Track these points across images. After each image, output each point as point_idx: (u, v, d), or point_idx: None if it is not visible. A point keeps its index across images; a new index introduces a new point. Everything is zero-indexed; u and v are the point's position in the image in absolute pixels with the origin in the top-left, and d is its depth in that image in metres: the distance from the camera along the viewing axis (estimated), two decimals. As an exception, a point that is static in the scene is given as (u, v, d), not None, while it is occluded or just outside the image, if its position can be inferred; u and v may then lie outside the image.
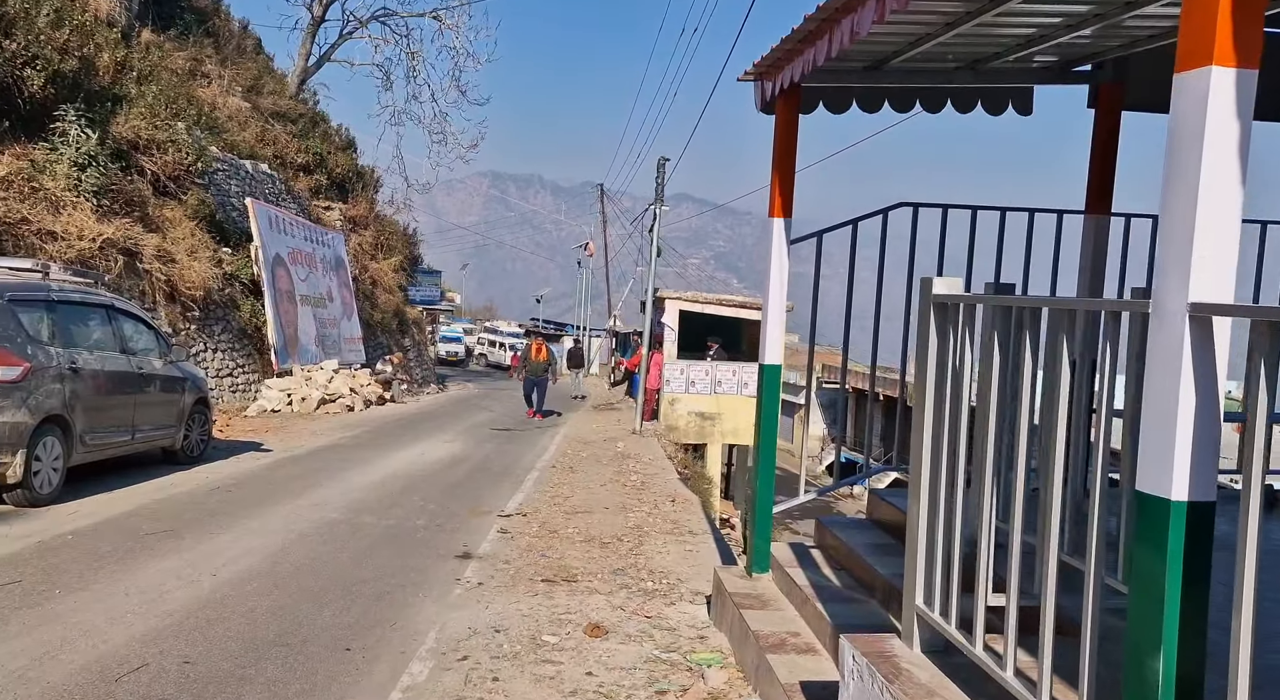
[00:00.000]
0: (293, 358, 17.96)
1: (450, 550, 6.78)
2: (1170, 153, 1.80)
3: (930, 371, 2.88)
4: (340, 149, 27.37)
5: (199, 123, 17.45)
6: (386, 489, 9.16)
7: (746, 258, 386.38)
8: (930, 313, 2.88)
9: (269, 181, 20.62)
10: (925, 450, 2.90)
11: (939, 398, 2.87)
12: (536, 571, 6.25)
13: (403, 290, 30.31)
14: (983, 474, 2.60)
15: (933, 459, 2.89)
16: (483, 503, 8.84)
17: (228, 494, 8.25)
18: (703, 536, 7.76)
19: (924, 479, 2.91)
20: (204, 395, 9.95)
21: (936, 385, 2.87)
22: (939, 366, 2.87)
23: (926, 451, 2.90)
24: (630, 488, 10.25)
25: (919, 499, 2.93)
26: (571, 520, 8.15)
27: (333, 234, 23.07)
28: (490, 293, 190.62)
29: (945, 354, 2.84)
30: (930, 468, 2.89)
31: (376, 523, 7.50)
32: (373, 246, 27.64)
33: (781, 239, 5.00)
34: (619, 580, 6.12)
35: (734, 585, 5.01)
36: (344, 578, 5.77)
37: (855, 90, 5.42)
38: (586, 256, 47.43)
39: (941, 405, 2.85)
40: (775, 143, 5.10)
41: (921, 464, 2.91)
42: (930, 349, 2.88)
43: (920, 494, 2.92)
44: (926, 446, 2.90)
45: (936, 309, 2.87)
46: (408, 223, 32.34)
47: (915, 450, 2.95)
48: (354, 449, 12.09)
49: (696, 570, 6.51)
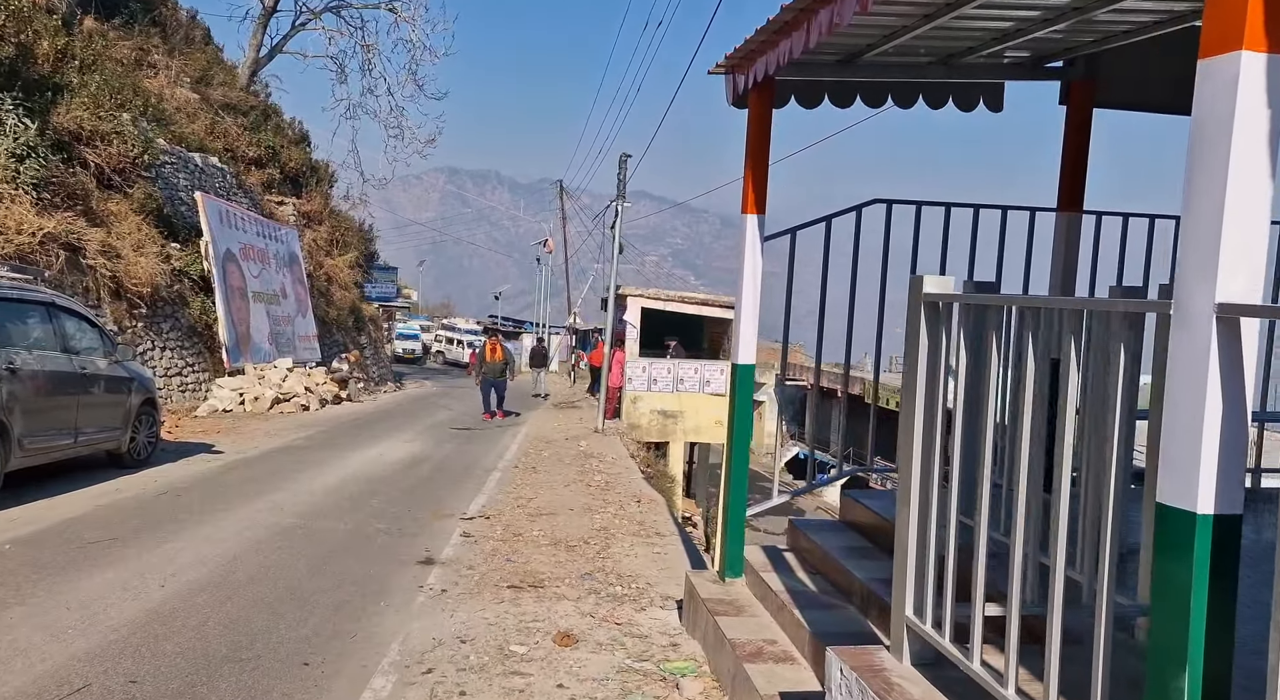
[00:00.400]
0: (245, 356, 17.49)
1: (412, 556, 6.57)
2: (1195, 143, 1.70)
3: (920, 372, 2.78)
4: (294, 143, 26.76)
5: (145, 114, 16.88)
6: (345, 492, 8.89)
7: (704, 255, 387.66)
8: (920, 312, 2.78)
9: (219, 175, 20.05)
10: (915, 454, 2.79)
11: (930, 400, 2.76)
12: (502, 577, 6.08)
13: (359, 287, 29.77)
14: (979, 479, 2.50)
15: (923, 463, 2.78)
16: (444, 505, 8.62)
17: (177, 499, 7.93)
18: (670, 538, 7.64)
19: (914, 483, 2.80)
20: (151, 396, 9.57)
21: (927, 387, 2.76)
22: (929, 367, 2.76)
23: (917, 455, 2.79)
24: (595, 488, 10.10)
25: (909, 504, 2.82)
26: (536, 522, 7.98)
27: (286, 229, 22.54)
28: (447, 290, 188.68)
29: (936, 355, 2.74)
30: (921, 472, 2.79)
31: (334, 528, 7.26)
32: (328, 242, 27.09)
33: (755, 235, 4.89)
34: (587, 585, 5.97)
35: (707, 591, 4.89)
36: (301, 587, 5.54)
37: (827, 84, 5.33)
38: (546, 253, 47.12)
39: (933, 407, 2.75)
40: (748, 137, 4.99)
41: (911, 468, 2.80)
42: (920, 349, 2.78)
43: (910, 499, 2.81)
44: (917, 450, 2.79)
45: (927, 308, 2.77)
46: (363, 218, 31.84)
47: (904, 453, 2.85)
48: (310, 450, 11.76)
49: (666, 573, 6.38)
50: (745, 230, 4.91)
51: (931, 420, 2.75)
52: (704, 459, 23.27)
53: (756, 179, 4.94)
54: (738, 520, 4.98)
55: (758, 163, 4.95)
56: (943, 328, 2.72)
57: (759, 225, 4.90)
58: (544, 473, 11.06)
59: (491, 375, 17.63)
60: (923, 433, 2.78)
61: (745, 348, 4.93)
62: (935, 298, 2.75)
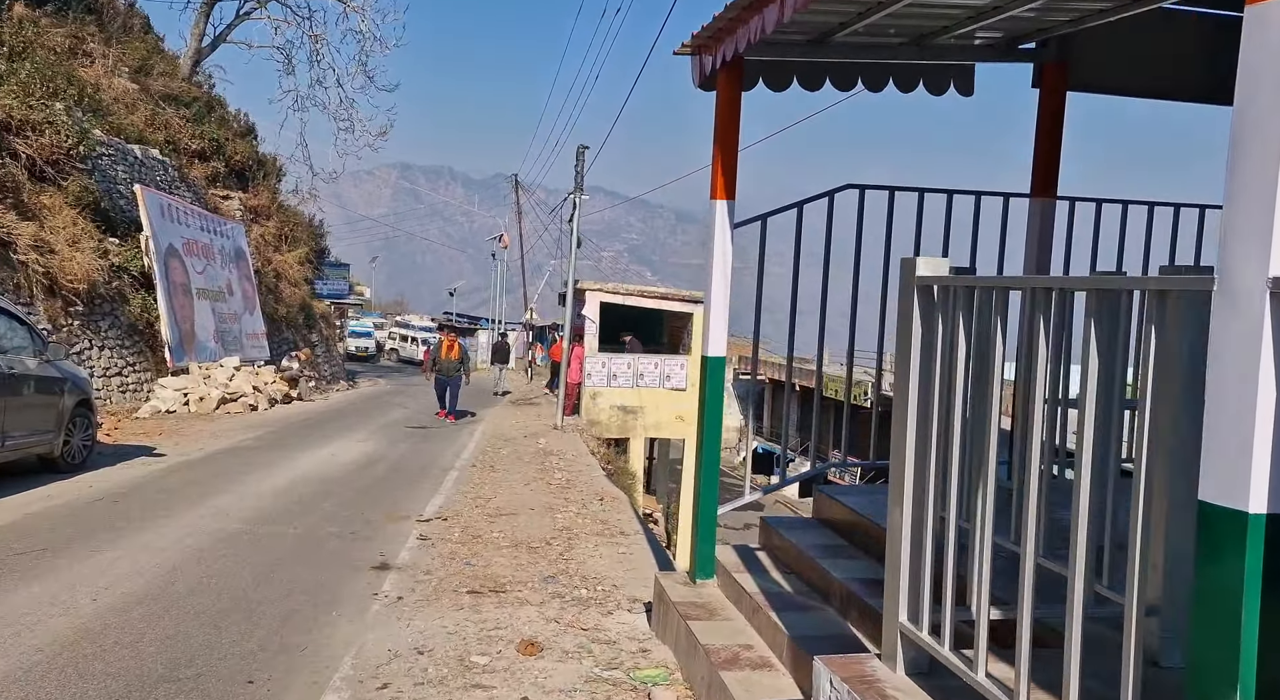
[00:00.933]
0: (189, 355, 16.88)
1: (366, 561, 6.27)
2: (1241, 102, 1.52)
3: (914, 362, 2.59)
4: (239, 135, 25.98)
5: (80, 104, 16.18)
6: (294, 495, 8.52)
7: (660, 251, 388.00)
8: (914, 297, 2.59)
9: (160, 168, 19.34)
10: (909, 449, 2.61)
11: (924, 391, 2.58)
12: (461, 582, 5.81)
13: (309, 283, 29.05)
14: (983, 474, 2.32)
15: (918, 458, 2.60)
16: (400, 507, 8.31)
17: (114, 505, 7.50)
18: (635, 537, 7.43)
19: (908, 481, 2.62)
20: (86, 396, 9.09)
21: (921, 377, 2.58)
22: (924, 357, 2.58)
23: (910, 450, 2.61)
24: (555, 486, 9.85)
25: (902, 503, 2.64)
26: (496, 523, 7.71)
27: (232, 224, 21.85)
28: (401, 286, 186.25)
29: (931, 343, 2.56)
30: (915, 468, 2.61)
31: (283, 533, 6.91)
32: (276, 238, 26.36)
33: (724, 223, 4.68)
34: (551, 588, 5.73)
35: (677, 593, 4.69)
36: (246, 597, 5.22)
37: (797, 66, 5.14)
38: (501, 248, 46.58)
39: (927, 399, 2.57)
40: (717, 120, 4.78)
41: (906, 464, 2.62)
42: (914, 337, 2.59)
43: (904, 498, 2.63)
44: (910, 444, 2.61)
45: (921, 293, 2.59)
46: (313, 213, 31.07)
47: (897, 449, 2.66)
48: (258, 451, 11.32)
49: (632, 574, 6.17)
50: (714, 217, 4.71)
51: (926, 413, 2.57)
52: (664, 455, 23.12)
53: (725, 163, 4.73)
54: (709, 520, 4.78)
55: (726, 146, 4.75)
56: (939, 314, 2.53)
57: (728, 211, 4.70)
58: (503, 471, 10.78)
59: (446, 373, 16.74)
60: (917, 426, 2.60)
61: (716, 339, 4.72)
62: (930, 281, 2.56)
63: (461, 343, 17.39)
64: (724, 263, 4.70)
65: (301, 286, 27.46)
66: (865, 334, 5.25)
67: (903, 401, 2.64)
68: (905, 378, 2.62)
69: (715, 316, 4.74)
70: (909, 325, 2.60)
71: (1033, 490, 2.12)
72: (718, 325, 4.74)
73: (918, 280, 2.59)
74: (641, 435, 19.06)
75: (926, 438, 2.58)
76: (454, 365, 16.62)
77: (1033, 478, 2.12)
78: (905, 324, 2.62)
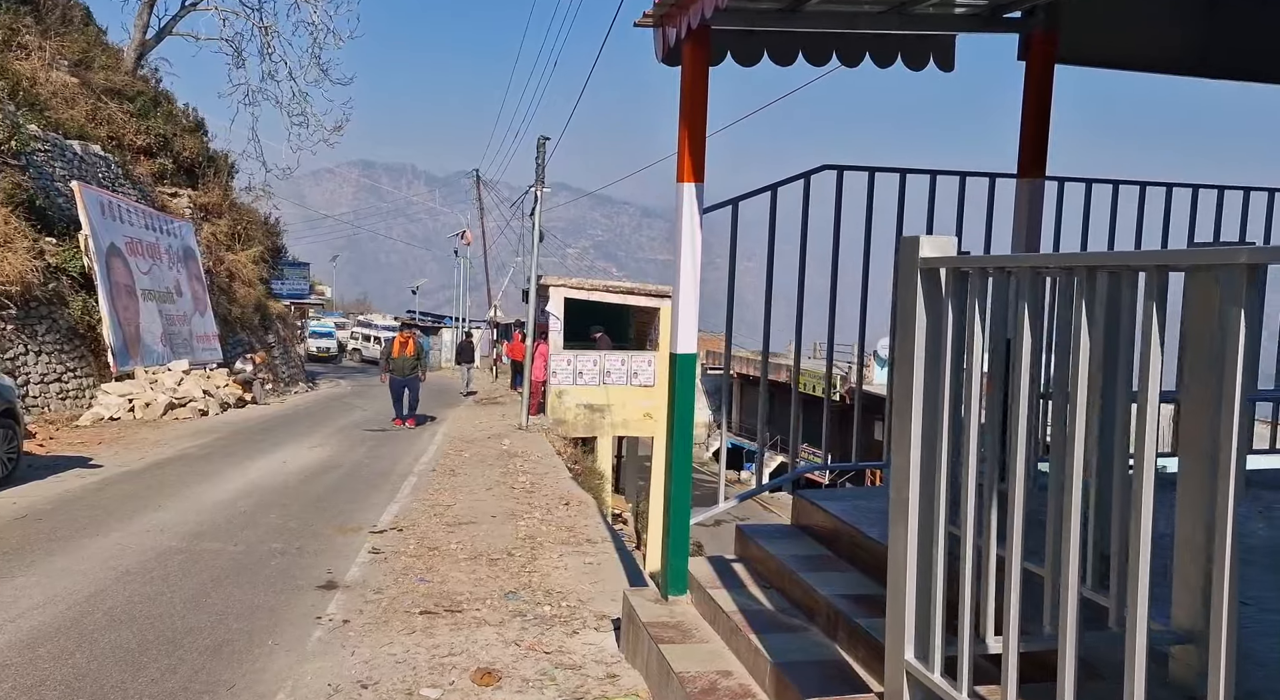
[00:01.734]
0: (135, 359, 16.16)
1: (311, 579, 5.81)
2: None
3: (918, 356, 2.22)
4: (188, 131, 25.08)
5: (14, 97, 15.39)
6: (239, 507, 8.01)
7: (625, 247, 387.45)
8: (916, 283, 2.22)
9: (103, 164, 18.54)
10: (914, 454, 2.24)
11: (931, 388, 2.21)
12: (414, 601, 5.37)
13: (265, 283, 28.23)
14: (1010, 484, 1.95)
15: (924, 465, 2.23)
16: (352, 517, 7.83)
17: (37, 523, 6.94)
18: (602, 545, 7.03)
19: (913, 492, 2.24)
20: (10, 405, 8.47)
21: (928, 372, 2.21)
22: (930, 349, 2.21)
23: (916, 456, 2.23)
24: (519, 491, 9.41)
25: (906, 518, 2.26)
26: (454, 533, 7.26)
27: (180, 223, 21.07)
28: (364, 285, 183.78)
29: (938, 334, 2.19)
30: (922, 477, 2.23)
31: (222, 550, 6.41)
32: (228, 236, 25.52)
33: (692, 207, 4.29)
34: (511, 606, 5.31)
35: (648, 612, 4.29)
36: (173, 626, 4.74)
37: (767, 38, 4.77)
38: (464, 245, 45.89)
39: (935, 397, 2.20)
40: (683, 95, 4.38)
41: (910, 472, 2.24)
42: (918, 328, 2.22)
43: (908, 511, 2.25)
44: (916, 449, 2.23)
45: (925, 277, 2.21)
46: (269, 211, 30.20)
47: (899, 454, 2.29)
48: (204, 460, 10.74)
49: (600, 587, 5.77)
50: (681, 201, 4.31)
51: (934, 413, 2.20)
52: (633, 452, 22.75)
53: (693, 142, 4.33)
54: (681, 531, 4.39)
55: (693, 124, 4.35)
56: (949, 301, 2.16)
57: (697, 195, 4.30)
58: (464, 476, 10.32)
59: (400, 373, 15.40)
60: (923, 428, 2.22)
61: (685, 334, 4.33)
62: (937, 264, 2.19)
63: (417, 339, 16.16)
64: (693, 251, 4.30)
65: (256, 286, 26.64)
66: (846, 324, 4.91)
67: (906, 399, 2.26)
68: (908, 373, 2.25)
69: (684, 310, 4.34)
70: (912, 314, 2.23)
71: (1074, 504, 1.76)
72: (687, 320, 4.34)
73: (922, 263, 2.21)
74: (609, 433, 18.66)
75: (934, 441, 2.21)
76: (410, 363, 15.35)
77: (1074, 491, 1.75)
78: (907, 312, 2.25)
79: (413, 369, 15.39)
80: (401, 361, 15.32)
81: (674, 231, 4.36)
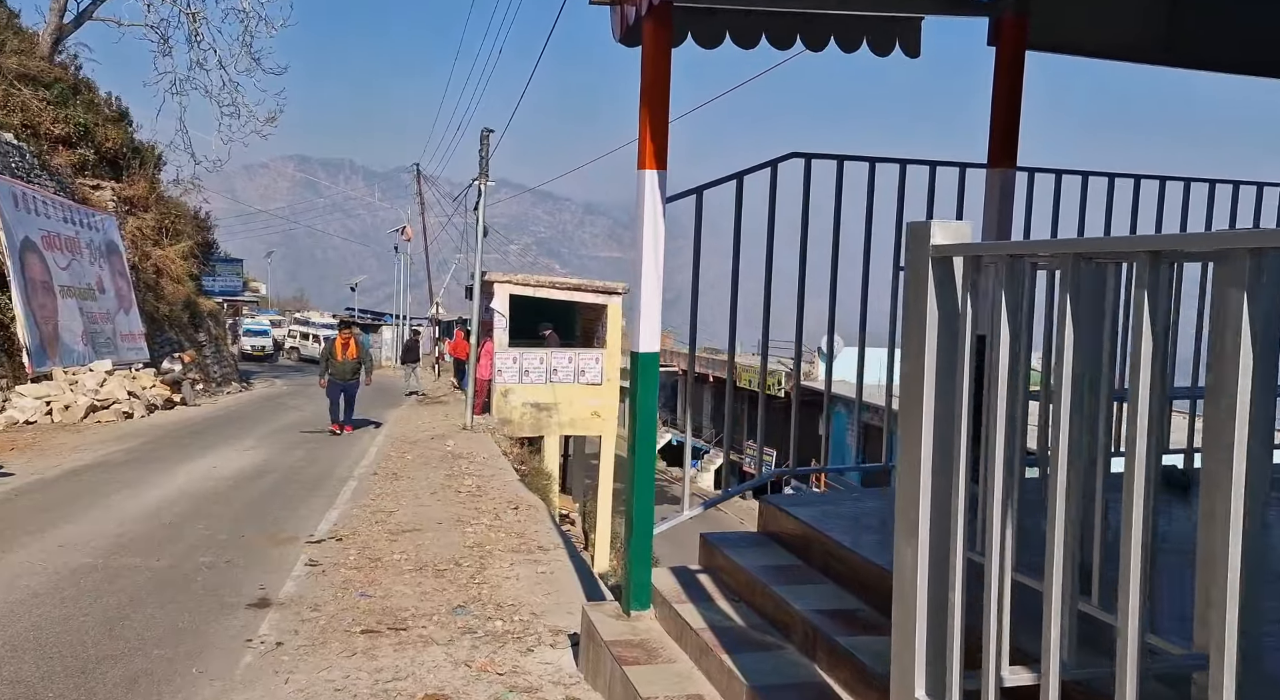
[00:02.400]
0: (53, 359, 15.29)
1: (241, 597, 5.39)
2: None
3: (929, 353, 1.97)
4: (111, 120, 23.92)
5: (-84, 80, 14.41)
6: (163, 517, 7.49)
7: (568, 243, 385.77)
8: (928, 273, 1.97)
9: (16, 154, 17.51)
10: (925, 465, 1.99)
11: (944, 389, 1.97)
12: (355, 618, 5.00)
13: (195, 280, 27.16)
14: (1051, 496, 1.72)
15: (936, 474, 1.99)
16: (287, 526, 7.38)
17: (-64, 540, 6.38)
18: (555, 552, 6.71)
19: (924, 508, 2.00)
20: (-90, 412, 7.81)
21: (940, 371, 1.97)
22: (943, 345, 1.97)
23: (927, 466, 1.99)
24: (465, 495, 9.04)
25: (916, 538, 2.02)
26: (398, 541, 6.88)
27: (102, 216, 20.08)
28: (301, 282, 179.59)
29: (953, 328, 1.95)
30: (933, 488, 1.99)
31: (143, 565, 5.94)
32: (155, 231, 24.45)
33: (655, 196, 4.01)
34: (460, 622, 4.98)
35: (609, 629, 4.01)
36: (85, 654, 4.31)
37: (729, 18, 4.54)
38: (404, 241, 44.94)
39: (949, 400, 1.95)
40: (644, 77, 4.09)
41: (920, 485, 1.99)
42: (929, 324, 1.98)
43: (919, 530, 2.01)
44: (927, 462, 1.99)
45: (937, 266, 1.97)
46: (198, 205, 29.07)
47: (907, 465, 2.04)
48: (126, 466, 10.12)
49: (554, 598, 5.46)
50: (643, 189, 4.03)
51: (949, 418, 1.96)
52: (580, 451, 22.42)
53: (655, 127, 4.06)
54: (643, 542, 4.12)
55: (655, 107, 4.07)
56: (965, 294, 1.92)
57: (659, 183, 4.02)
58: (407, 480, 9.90)
59: (340, 377, 13.93)
60: (936, 435, 1.98)
61: (648, 332, 4.05)
62: (950, 251, 1.95)
63: (361, 341, 14.79)
64: (655, 243, 4.03)
65: (186, 283, 25.62)
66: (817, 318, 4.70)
67: (915, 403, 2.01)
68: (917, 373, 2.00)
69: (646, 306, 4.06)
70: (923, 308, 1.98)
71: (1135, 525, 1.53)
72: (649, 316, 4.07)
73: (933, 251, 1.97)
74: (556, 433, 18.29)
75: (948, 450, 1.97)
76: (351, 367, 13.93)
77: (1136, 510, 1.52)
78: (917, 306, 2.00)
79: (355, 373, 14.04)
80: (344, 365, 13.89)
81: (634, 221, 4.08)
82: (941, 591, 1.98)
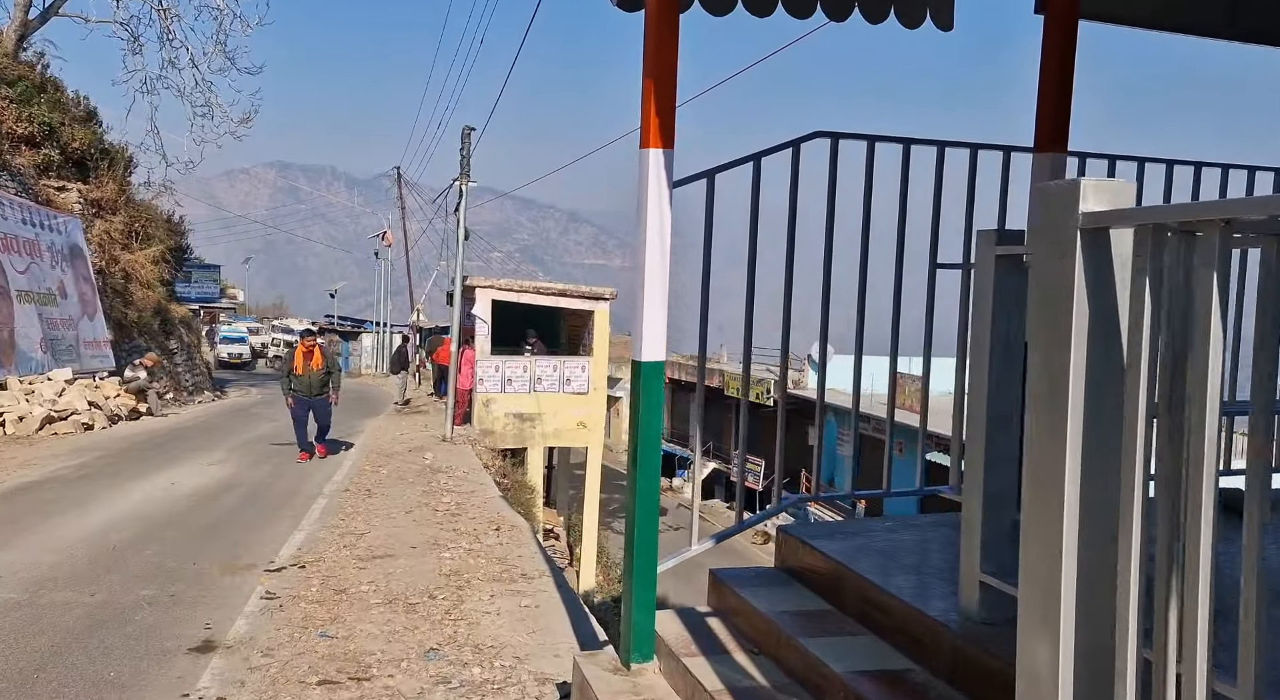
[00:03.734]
0: (8, 367, 14.51)
1: (183, 640, 4.75)
2: None
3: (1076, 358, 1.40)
4: (78, 120, 23.12)
5: None
6: (108, 541, 6.82)
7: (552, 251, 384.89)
8: (1076, 248, 1.40)
9: (-26, 153, 16.76)
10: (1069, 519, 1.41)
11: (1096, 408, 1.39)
12: (312, 665, 4.37)
13: (167, 285, 26.31)
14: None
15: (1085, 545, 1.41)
16: (245, 552, 6.73)
17: None
18: (540, 581, 6.10)
19: (1067, 587, 1.41)
20: None
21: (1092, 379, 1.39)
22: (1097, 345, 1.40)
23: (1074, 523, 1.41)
24: (443, 514, 8.40)
25: (1059, 631, 1.43)
26: (367, 569, 6.25)
27: (66, 218, 19.30)
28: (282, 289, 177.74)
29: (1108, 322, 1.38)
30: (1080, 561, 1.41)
31: (75, 601, 5.28)
32: (124, 234, 23.63)
33: (660, 178, 3.43)
34: (433, 668, 4.36)
35: (605, 687, 3.41)
36: (-12, 717, 3.66)
37: (743, -19, 3.97)
38: (385, 247, 44.22)
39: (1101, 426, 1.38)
40: (647, 45, 3.52)
41: (1064, 551, 1.42)
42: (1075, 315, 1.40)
43: (1061, 622, 1.42)
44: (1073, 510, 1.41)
45: (1088, 238, 1.40)
46: (171, 208, 28.23)
47: (1039, 522, 1.46)
48: (77, 483, 9.41)
49: (539, 639, 4.85)
50: (646, 170, 3.44)
51: (1102, 446, 1.38)
52: (564, 462, 21.78)
53: (660, 101, 3.47)
54: (647, 581, 3.52)
55: (661, 77, 3.49)
56: (1135, 277, 1.35)
57: (665, 163, 3.44)
58: (381, 497, 9.25)
59: (306, 393, 11.76)
60: (1083, 472, 1.40)
61: (652, 337, 3.46)
62: (1108, 220, 1.38)
63: (326, 349, 12.86)
64: (661, 231, 3.44)
65: (157, 288, 24.78)
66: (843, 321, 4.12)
67: (1050, 433, 1.44)
68: (1058, 383, 1.43)
69: (650, 307, 3.47)
70: (1068, 294, 1.41)
71: None
72: (654, 319, 3.48)
73: (1083, 220, 1.40)
74: (540, 444, 17.65)
75: (1105, 504, 1.39)
76: (317, 380, 11.79)
77: None
78: (1057, 292, 1.43)
79: (321, 387, 11.88)
80: (307, 379, 11.70)
81: (637, 208, 3.50)
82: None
